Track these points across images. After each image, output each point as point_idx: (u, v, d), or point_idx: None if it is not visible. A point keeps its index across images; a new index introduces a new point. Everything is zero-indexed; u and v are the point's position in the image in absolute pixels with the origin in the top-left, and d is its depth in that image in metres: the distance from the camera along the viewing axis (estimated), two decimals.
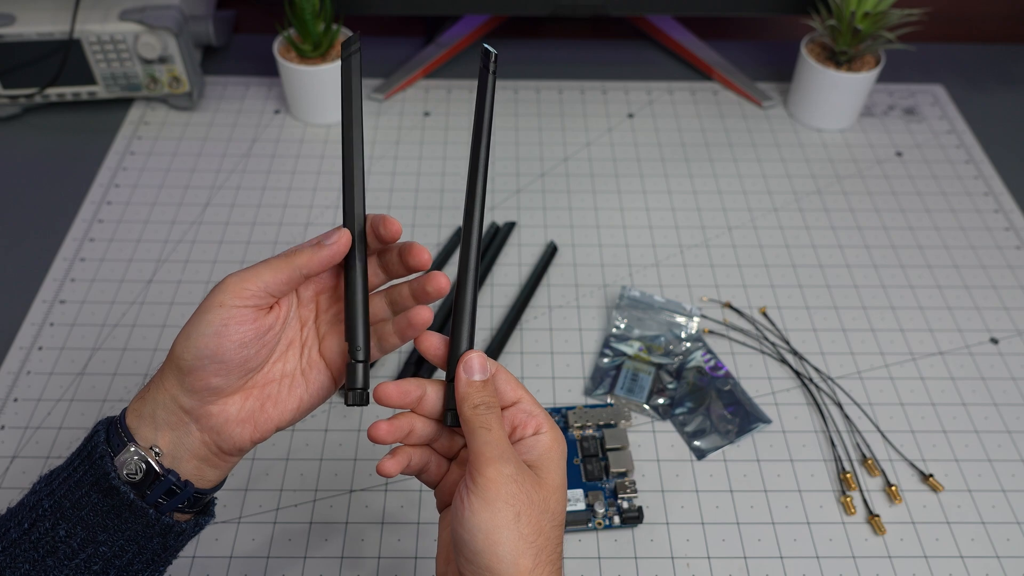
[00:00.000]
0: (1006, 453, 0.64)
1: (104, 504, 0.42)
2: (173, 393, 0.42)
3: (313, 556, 0.57)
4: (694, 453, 0.64)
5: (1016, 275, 0.77)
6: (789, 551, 0.58)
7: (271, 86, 0.95)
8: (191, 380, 0.41)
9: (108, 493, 0.41)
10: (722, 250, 0.79)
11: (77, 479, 0.42)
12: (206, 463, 0.43)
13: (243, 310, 0.41)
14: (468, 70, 0.99)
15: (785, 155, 0.89)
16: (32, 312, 0.72)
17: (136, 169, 0.85)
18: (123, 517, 0.42)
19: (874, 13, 0.83)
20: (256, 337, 0.42)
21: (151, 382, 0.43)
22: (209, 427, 0.43)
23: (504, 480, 0.39)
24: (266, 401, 0.44)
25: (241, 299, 0.41)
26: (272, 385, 0.44)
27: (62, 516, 0.42)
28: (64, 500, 0.42)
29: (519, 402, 0.44)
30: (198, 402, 0.42)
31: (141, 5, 0.84)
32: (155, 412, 0.42)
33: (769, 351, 0.71)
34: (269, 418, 0.44)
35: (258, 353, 0.43)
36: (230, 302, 0.41)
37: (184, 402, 0.42)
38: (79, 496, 0.42)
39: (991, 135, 0.92)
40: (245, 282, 0.41)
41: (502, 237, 0.78)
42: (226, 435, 0.43)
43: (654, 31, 1.03)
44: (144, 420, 0.42)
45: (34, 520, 0.42)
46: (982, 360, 0.70)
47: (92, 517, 0.42)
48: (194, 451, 0.43)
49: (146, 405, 0.43)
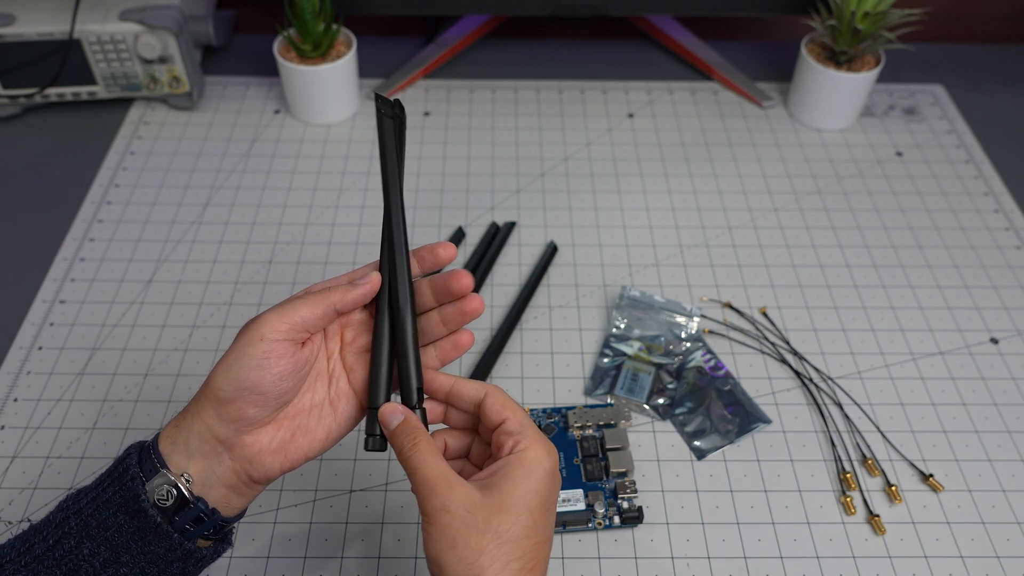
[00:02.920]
0: (1006, 453, 0.64)
1: (130, 526, 0.43)
2: (209, 423, 0.44)
3: (313, 556, 0.57)
4: (694, 453, 0.64)
5: (1016, 275, 0.77)
6: (789, 551, 0.58)
7: (271, 86, 0.95)
8: (229, 410, 0.43)
9: (135, 515, 0.43)
10: (722, 250, 0.79)
11: (106, 499, 0.43)
12: (234, 491, 0.45)
13: (282, 344, 0.43)
14: (468, 70, 0.99)
15: (785, 155, 0.89)
16: (32, 312, 0.72)
17: (136, 169, 0.85)
18: (148, 540, 0.43)
19: (874, 13, 0.83)
20: (294, 371, 0.44)
21: (186, 411, 0.45)
22: (242, 456, 0.44)
23: (435, 513, 0.41)
24: (296, 431, 0.46)
25: (281, 334, 0.43)
26: (302, 416, 0.46)
27: (87, 535, 0.43)
28: (91, 519, 0.43)
29: (503, 423, 0.45)
30: (233, 432, 0.44)
31: (141, 5, 0.84)
32: (189, 440, 0.44)
33: (769, 351, 0.71)
34: (299, 447, 0.46)
35: (294, 386, 0.45)
36: (270, 336, 0.43)
37: (219, 432, 0.43)
38: (106, 516, 0.43)
39: (991, 135, 0.92)
40: (284, 318, 0.44)
41: (502, 237, 0.78)
42: (258, 464, 0.44)
43: (654, 31, 1.03)
44: (178, 448, 0.44)
45: (59, 537, 0.43)
46: (982, 360, 0.70)
47: (117, 538, 0.43)
48: (224, 479, 0.44)
49: (180, 433, 0.44)
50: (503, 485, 0.42)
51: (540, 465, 0.43)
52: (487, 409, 0.45)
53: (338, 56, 0.87)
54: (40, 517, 0.58)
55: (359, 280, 0.46)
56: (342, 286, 0.46)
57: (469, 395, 0.46)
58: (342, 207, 0.82)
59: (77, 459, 0.62)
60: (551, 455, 0.44)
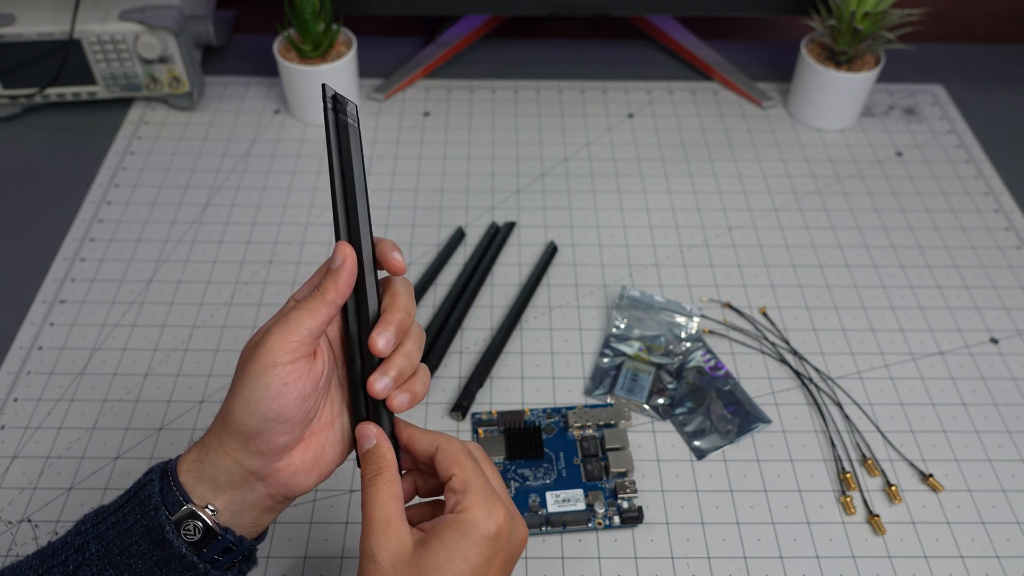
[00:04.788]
0: (1006, 453, 0.64)
1: (154, 555, 0.41)
2: (237, 457, 0.42)
3: (313, 556, 0.57)
4: (694, 453, 0.64)
5: (1016, 275, 0.77)
6: (789, 551, 0.58)
7: (271, 86, 0.95)
8: (257, 443, 0.41)
9: (159, 545, 0.41)
10: (722, 250, 0.79)
11: (128, 527, 0.42)
12: (268, 511, 0.44)
13: (297, 364, 0.41)
14: (468, 70, 0.99)
15: (785, 155, 0.89)
16: (32, 312, 0.72)
17: (136, 169, 0.85)
18: (172, 568, 0.42)
19: (874, 13, 0.83)
20: (314, 389, 0.42)
21: (208, 445, 0.42)
22: (277, 482, 0.42)
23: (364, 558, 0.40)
24: (325, 444, 0.44)
25: (292, 353, 0.40)
26: (326, 429, 0.44)
27: (109, 562, 0.41)
28: (113, 547, 0.42)
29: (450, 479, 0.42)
30: (265, 462, 0.42)
31: (141, 5, 0.84)
32: (216, 476, 0.42)
33: (769, 351, 0.71)
34: (329, 459, 0.44)
35: (316, 403, 0.43)
36: (283, 360, 0.40)
37: (250, 465, 0.42)
38: (128, 544, 0.41)
39: (991, 135, 0.92)
40: (290, 335, 0.40)
41: (502, 237, 0.78)
42: (293, 485, 0.43)
43: (654, 31, 1.03)
44: (203, 482, 0.42)
45: (80, 563, 0.42)
46: (982, 360, 0.70)
47: (140, 566, 0.41)
48: (257, 504, 0.43)
49: (205, 469, 0.42)
50: (433, 545, 0.40)
51: (476, 529, 0.40)
52: (437, 464, 0.43)
53: (338, 56, 0.87)
54: (40, 517, 0.58)
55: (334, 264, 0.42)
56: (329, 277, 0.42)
57: (422, 448, 0.44)
58: None
59: (77, 459, 0.62)
60: (493, 517, 0.41)
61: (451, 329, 0.70)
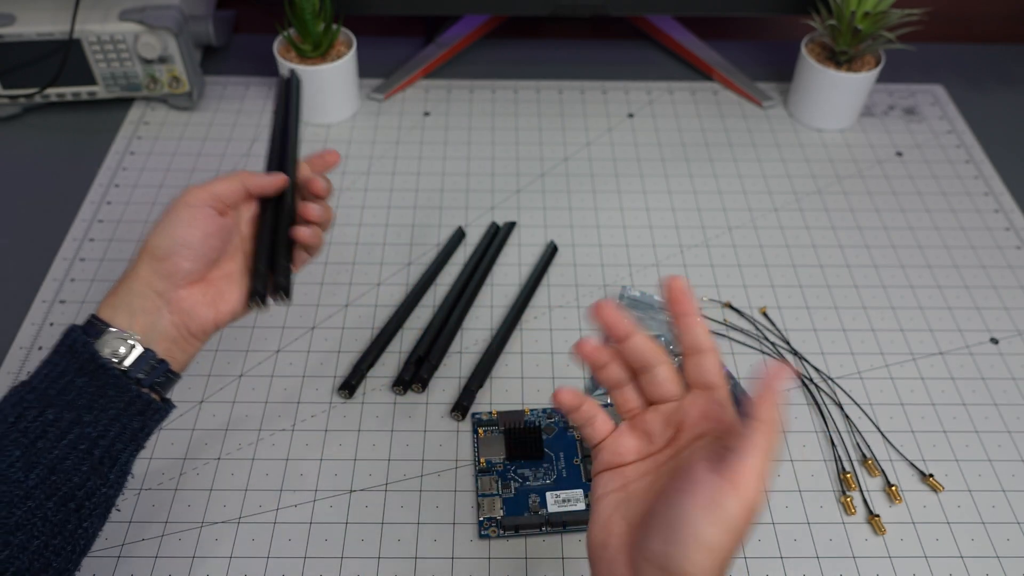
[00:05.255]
0: (1006, 453, 0.64)
1: (90, 386, 0.47)
2: (148, 279, 0.50)
3: (313, 556, 0.57)
4: None
5: (1016, 275, 0.77)
6: (789, 551, 0.58)
7: (271, 86, 0.95)
8: (166, 265, 0.50)
9: (94, 375, 0.47)
10: (722, 250, 0.79)
11: (60, 371, 0.47)
12: (175, 345, 0.51)
13: (204, 209, 0.51)
14: (468, 70, 0.99)
15: (785, 155, 0.89)
16: (32, 312, 0.72)
17: (136, 169, 0.85)
18: (108, 396, 0.47)
19: (874, 13, 0.83)
20: (217, 232, 0.52)
21: (123, 278, 0.50)
22: (180, 310, 0.51)
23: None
24: (223, 291, 0.53)
25: (202, 201, 0.51)
26: (225, 279, 0.53)
27: (48, 403, 0.46)
28: (49, 390, 0.46)
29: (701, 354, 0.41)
30: (170, 286, 0.50)
31: (141, 5, 0.84)
32: (131, 302, 0.49)
33: (769, 351, 0.71)
34: (226, 303, 0.53)
35: (219, 245, 0.52)
36: (194, 202, 0.51)
37: (157, 286, 0.50)
38: (64, 384, 0.47)
39: (991, 135, 0.92)
40: (203, 190, 0.52)
41: (502, 237, 0.78)
42: (194, 316, 0.51)
43: (654, 31, 1.03)
44: (119, 311, 0.49)
45: (20, 412, 0.46)
46: (982, 360, 0.70)
47: (78, 399, 0.47)
48: (166, 333, 0.50)
49: (120, 297, 0.49)
50: None
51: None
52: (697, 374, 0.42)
53: (338, 56, 0.87)
54: None
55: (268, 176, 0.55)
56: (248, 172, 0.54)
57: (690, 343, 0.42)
58: (342, 207, 0.82)
59: None
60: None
61: (451, 329, 0.70)
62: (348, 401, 0.66)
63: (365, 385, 0.67)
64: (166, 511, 0.59)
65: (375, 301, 0.73)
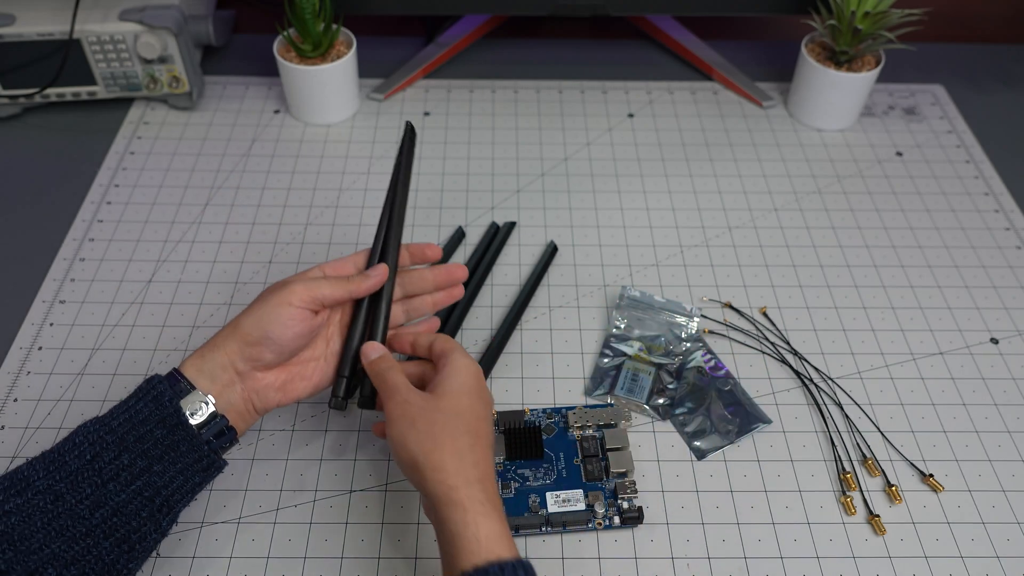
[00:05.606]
0: (1006, 453, 0.64)
1: (167, 439, 0.50)
2: (232, 357, 0.53)
3: (313, 556, 0.57)
4: (694, 453, 0.64)
5: (1016, 275, 0.77)
6: (789, 551, 0.58)
7: (271, 86, 0.95)
8: (251, 351, 0.53)
9: (173, 429, 0.50)
10: (722, 250, 0.79)
11: (142, 418, 0.50)
12: (240, 417, 0.54)
13: (303, 311, 0.55)
14: (468, 70, 0.99)
15: (785, 155, 0.89)
16: (32, 312, 0.72)
17: (136, 169, 0.85)
18: (179, 451, 0.50)
19: (874, 13, 0.83)
20: (308, 333, 0.56)
21: (213, 346, 0.53)
22: (252, 388, 0.54)
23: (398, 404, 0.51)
24: (295, 376, 0.57)
25: (305, 304, 0.54)
26: (302, 365, 0.57)
27: (125, 448, 0.49)
28: (128, 435, 0.49)
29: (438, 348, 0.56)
30: (249, 368, 0.54)
31: (141, 5, 0.84)
32: (213, 371, 0.53)
33: (769, 351, 0.71)
34: (295, 389, 0.57)
35: (305, 344, 0.56)
36: (297, 303, 0.54)
37: (240, 366, 0.54)
38: (143, 432, 0.50)
39: (991, 135, 0.92)
40: (311, 292, 0.55)
41: (502, 237, 0.78)
42: (263, 397, 0.55)
43: (654, 31, 1.03)
44: (203, 375, 0.53)
45: (97, 452, 0.49)
46: (982, 360, 0.70)
47: (153, 450, 0.50)
48: (235, 405, 0.54)
49: (205, 363, 0.53)
50: (443, 383, 0.52)
51: (466, 367, 0.54)
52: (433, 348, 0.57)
53: (338, 56, 0.87)
54: None
55: (371, 273, 0.58)
56: (358, 275, 0.58)
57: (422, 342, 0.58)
58: (342, 207, 0.82)
59: None
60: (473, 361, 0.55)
61: (451, 329, 0.70)
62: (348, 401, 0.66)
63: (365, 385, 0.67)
64: None
65: None
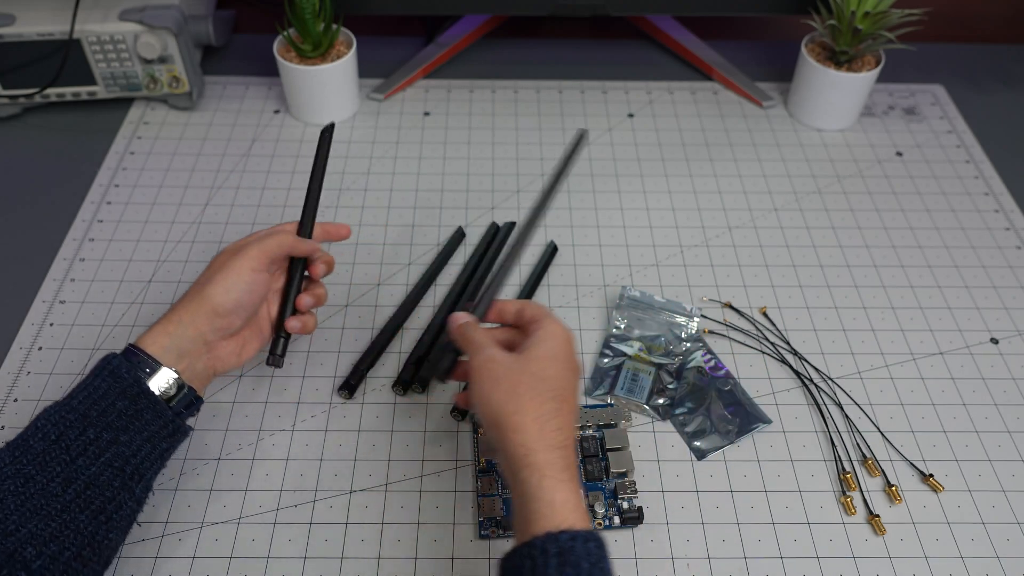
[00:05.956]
0: (1006, 453, 0.64)
1: (129, 410, 0.51)
2: (202, 331, 0.55)
3: (313, 556, 0.57)
4: (694, 453, 0.64)
5: (1016, 275, 0.77)
6: (789, 551, 0.58)
7: (271, 86, 0.95)
8: (223, 322, 0.55)
9: (135, 399, 0.51)
10: (722, 250, 0.79)
11: (101, 393, 0.51)
12: (201, 384, 0.56)
13: (263, 273, 0.57)
14: (468, 70, 0.99)
15: (785, 155, 0.89)
16: (32, 312, 0.72)
17: (136, 169, 0.85)
18: (144, 419, 0.52)
19: (874, 13, 0.83)
20: (266, 293, 0.59)
21: (180, 322, 0.54)
22: (215, 356, 0.57)
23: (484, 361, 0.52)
24: (247, 342, 0.59)
25: (263, 266, 0.57)
26: (251, 331, 0.60)
27: (89, 423, 0.50)
28: (90, 411, 0.50)
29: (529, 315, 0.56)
30: (219, 337, 0.56)
31: (141, 5, 0.84)
32: (181, 346, 0.54)
33: (769, 351, 0.71)
34: (248, 350, 0.59)
35: (261, 305, 0.59)
36: (257, 267, 0.57)
37: (209, 337, 0.55)
38: (105, 406, 0.51)
39: (991, 135, 0.92)
40: (261, 251, 0.57)
41: (502, 237, 0.78)
42: (223, 361, 0.57)
43: (654, 31, 1.03)
44: (169, 352, 0.54)
45: (61, 431, 0.49)
46: (982, 360, 0.70)
47: (118, 421, 0.51)
48: (199, 374, 0.56)
49: (173, 340, 0.54)
50: (532, 347, 0.52)
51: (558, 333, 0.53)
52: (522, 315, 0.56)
53: (338, 56, 0.87)
54: None
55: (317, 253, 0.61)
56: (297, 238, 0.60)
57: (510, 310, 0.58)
58: (342, 207, 0.82)
59: None
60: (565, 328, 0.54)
61: None
62: (348, 401, 0.66)
63: (365, 385, 0.67)
64: (166, 511, 0.59)
65: (375, 301, 0.73)
